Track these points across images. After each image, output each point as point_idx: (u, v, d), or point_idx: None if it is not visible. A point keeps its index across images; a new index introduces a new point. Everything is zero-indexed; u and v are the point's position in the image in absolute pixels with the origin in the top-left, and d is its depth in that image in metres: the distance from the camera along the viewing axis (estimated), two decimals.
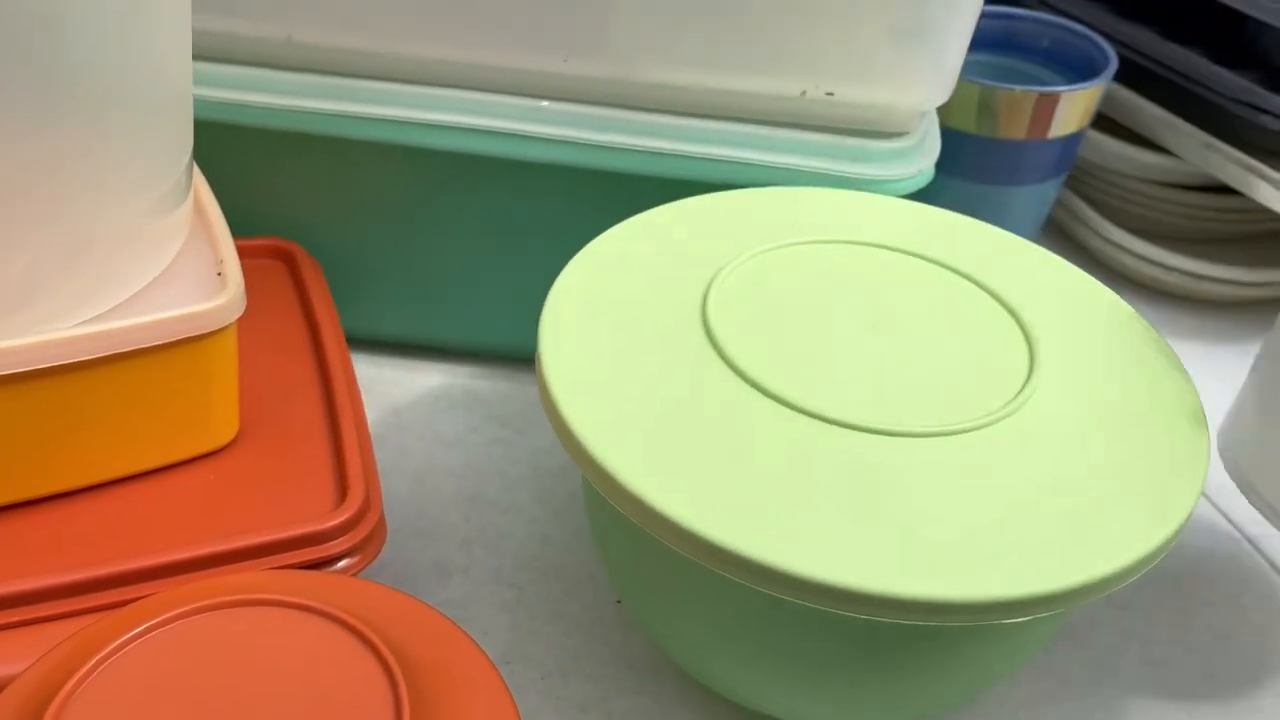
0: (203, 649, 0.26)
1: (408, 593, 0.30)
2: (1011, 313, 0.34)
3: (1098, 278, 0.35)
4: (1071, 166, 0.56)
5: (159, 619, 0.27)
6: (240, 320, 0.34)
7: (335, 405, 0.37)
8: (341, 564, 0.33)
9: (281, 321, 0.41)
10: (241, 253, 0.40)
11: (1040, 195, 0.54)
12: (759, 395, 0.30)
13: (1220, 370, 0.43)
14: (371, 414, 0.45)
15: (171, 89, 0.32)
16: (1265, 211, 0.53)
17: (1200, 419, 0.31)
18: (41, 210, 0.29)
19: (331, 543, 0.33)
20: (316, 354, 0.39)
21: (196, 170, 0.36)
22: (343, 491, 0.34)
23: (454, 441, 0.45)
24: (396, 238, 0.45)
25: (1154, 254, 0.56)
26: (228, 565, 0.32)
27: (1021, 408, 0.30)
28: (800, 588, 0.26)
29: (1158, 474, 0.29)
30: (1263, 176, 0.51)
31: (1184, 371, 0.33)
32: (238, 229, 0.43)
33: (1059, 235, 0.62)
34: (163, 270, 0.33)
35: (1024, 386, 0.31)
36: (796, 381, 0.30)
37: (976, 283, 0.35)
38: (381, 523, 0.34)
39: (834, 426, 0.29)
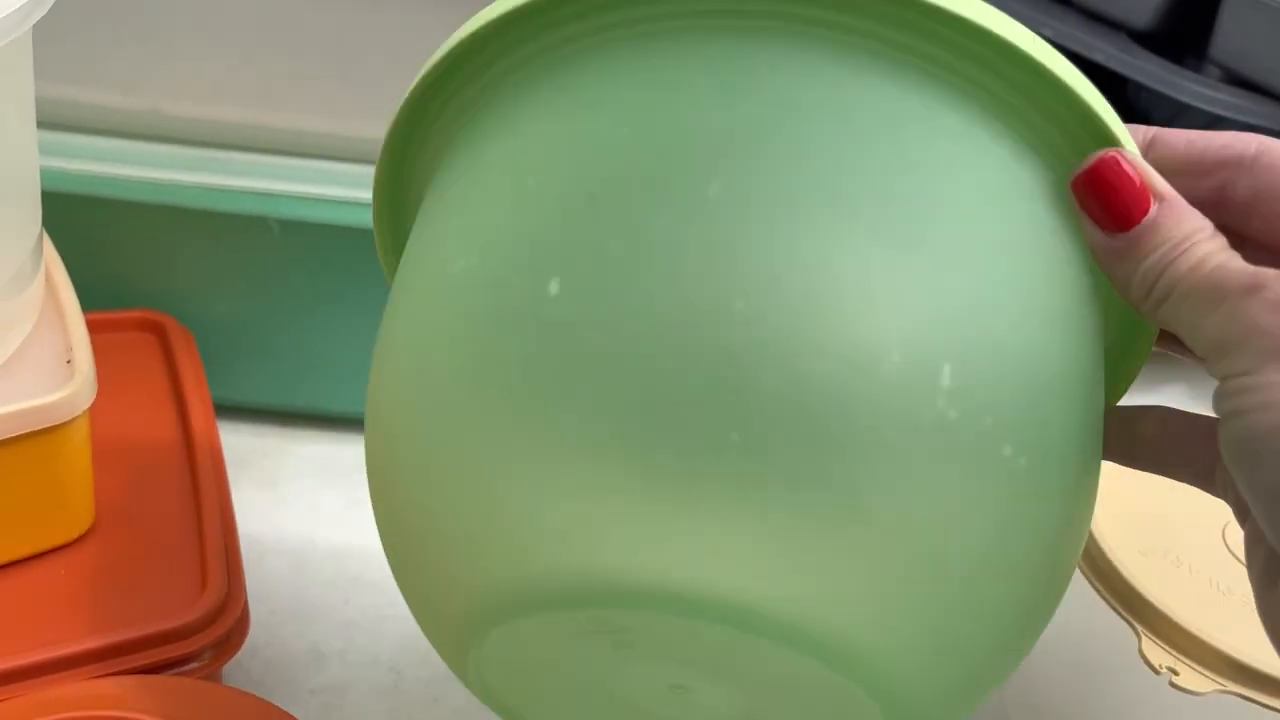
0: None
1: (281, 679, 0.29)
2: None
3: None
4: None
5: None
6: (101, 399, 0.33)
7: (199, 488, 0.35)
8: (200, 662, 0.32)
9: (147, 398, 0.39)
10: (109, 326, 0.39)
11: None
12: None
13: None
14: (249, 489, 0.44)
15: (11, 169, 0.31)
16: None
17: None
18: None
19: (190, 639, 0.31)
20: (183, 431, 0.38)
21: (49, 247, 0.35)
22: (203, 583, 0.33)
23: (335, 520, 0.44)
24: (274, 306, 0.44)
25: None
26: (80, 667, 0.30)
27: None
28: None
29: None
30: None
31: None
32: (108, 301, 0.41)
33: None
34: (7, 359, 0.32)
35: None
36: None
37: None
38: (244, 618, 0.33)
39: None
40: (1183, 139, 0.20)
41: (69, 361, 0.32)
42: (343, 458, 0.46)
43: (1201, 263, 0.18)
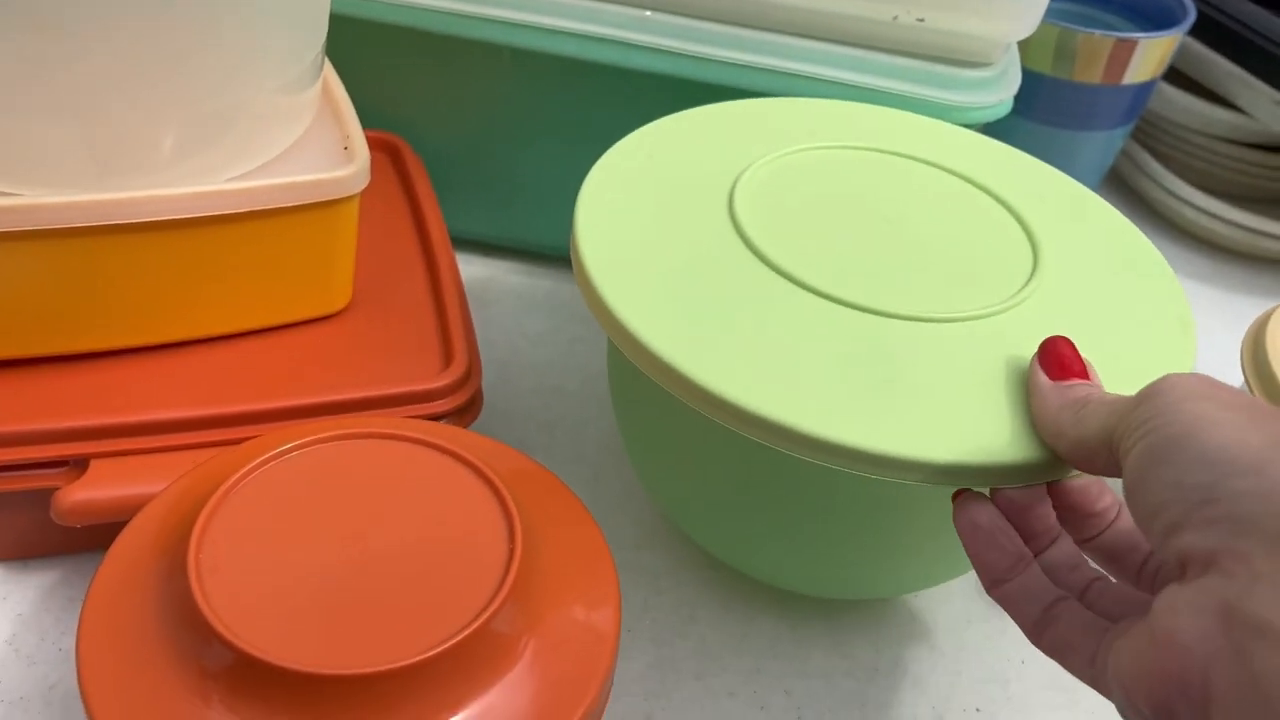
0: (335, 470, 0.29)
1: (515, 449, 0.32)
2: (1020, 221, 0.36)
3: (1156, 229, 0.36)
4: (1139, 117, 0.57)
5: (296, 443, 0.30)
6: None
7: (440, 284, 0.39)
8: (443, 423, 0.36)
9: (388, 208, 0.43)
10: None
11: (1108, 142, 0.56)
12: (779, 278, 0.32)
13: None
14: None
15: None
16: None
17: (1188, 323, 0.33)
18: (193, 85, 0.32)
19: (438, 401, 0.35)
20: (421, 239, 0.42)
21: (327, 60, 0.39)
22: (448, 358, 0.37)
23: (537, 339, 0.47)
24: (494, 139, 0.47)
25: (1214, 208, 0.57)
26: (346, 414, 0.34)
27: (1023, 303, 0.33)
28: (810, 445, 0.28)
29: (1144, 368, 0.31)
30: None
31: (1176, 283, 0.35)
32: None
33: (1119, 185, 0.64)
34: (295, 142, 0.36)
35: (1025, 285, 0.33)
36: (818, 268, 0.32)
37: (992, 194, 0.37)
38: (480, 390, 0.37)
39: (850, 309, 0.31)
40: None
41: (346, 149, 0.36)
42: (540, 287, 0.50)
43: (1100, 395, 0.27)
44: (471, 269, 0.50)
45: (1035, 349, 0.30)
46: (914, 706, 0.36)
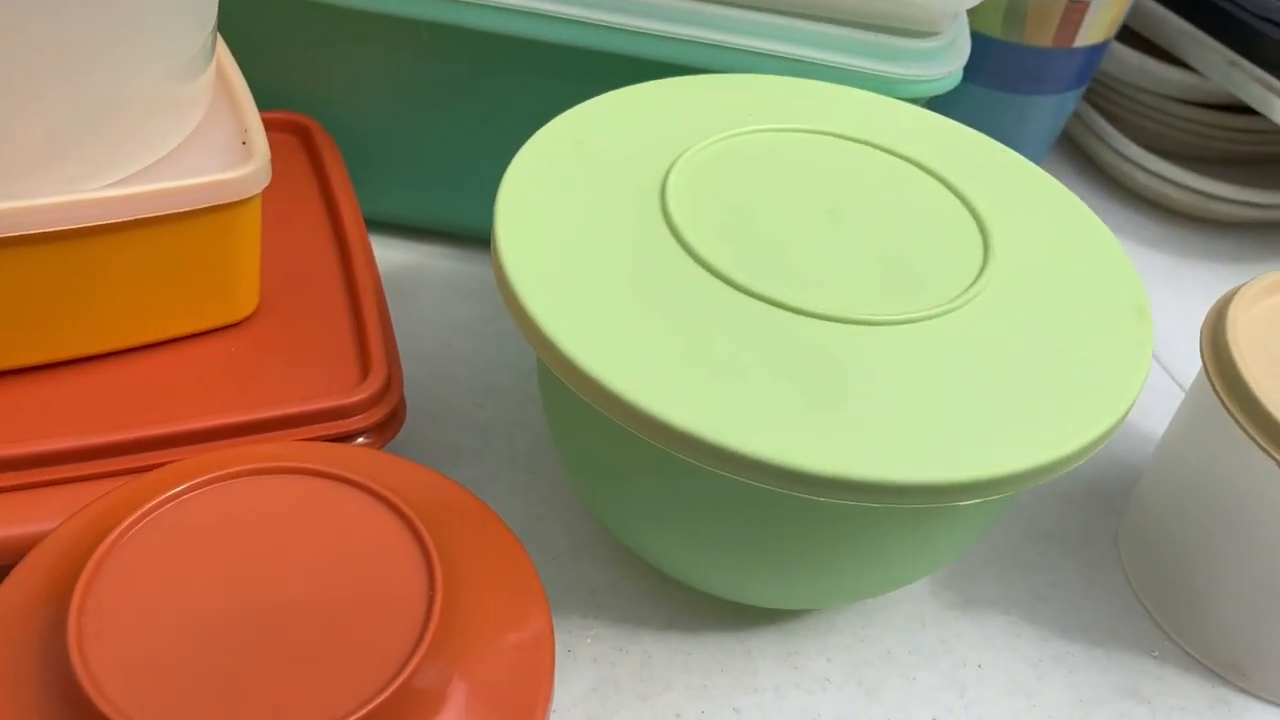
0: (237, 512, 0.27)
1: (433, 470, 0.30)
2: (970, 208, 0.34)
3: (1108, 193, 0.35)
4: (1092, 79, 0.55)
5: (194, 481, 0.27)
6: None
7: (356, 283, 0.36)
8: (361, 440, 0.33)
9: (298, 197, 0.40)
10: None
11: (1059, 106, 0.54)
12: (716, 280, 0.30)
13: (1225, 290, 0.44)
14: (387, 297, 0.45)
15: None
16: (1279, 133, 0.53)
17: (1145, 313, 0.32)
18: (65, 72, 0.28)
19: (354, 418, 0.33)
20: (335, 231, 0.39)
21: (220, 39, 0.36)
22: (365, 368, 0.34)
23: (467, 329, 0.45)
24: (413, 117, 0.44)
25: (1167, 171, 0.56)
26: (253, 435, 0.32)
27: (974, 299, 0.31)
28: (755, 469, 0.26)
29: (1103, 364, 0.30)
30: None
31: (1132, 269, 0.33)
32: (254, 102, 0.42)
33: (1071, 148, 0.62)
34: (186, 138, 0.32)
35: (977, 279, 0.31)
36: (754, 267, 0.30)
37: (939, 178, 0.35)
38: (402, 401, 0.34)
39: (790, 313, 0.29)
40: None
41: (244, 143, 0.33)
42: (470, 273, 0.47)
43: None
44: (396, 255, 0.48)
45: (988, 350, 0.28)
46: (867, 718, 0.34)
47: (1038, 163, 0.58)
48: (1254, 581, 0.34)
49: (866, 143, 0.36)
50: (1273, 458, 0.32)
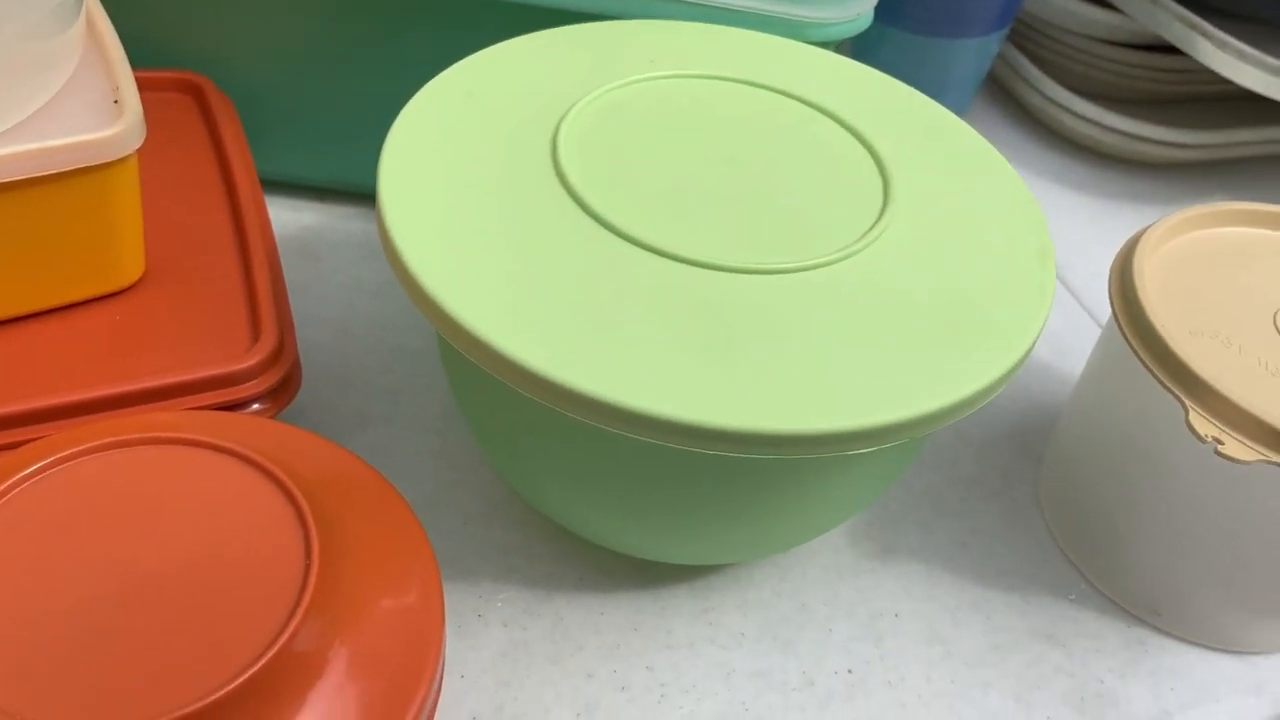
0: (107, 485, 0.26)
1: (326, 438, 0.29)
2: (872, 153, 0.33)
3: (1038, 138, 0.34)
4: (1015, 20, 0.55)
5: (64, 454, 0.26)
6: (144, 155, 0.32)
7: (248, 246, 0.35)
8: (254, 408, 0.32)
9: (189, 159, 0.39)
10: (145, 85, 0.38)
11: (983, 49, 0.53)
12: (608, 234, 0.29)
13: None
14: (290, 260, 0.44)
15: None
16: (1205, 73, 0.53)
17: (1048, 256, 0.31)
18: None
19: (245, 385, 0.32)
20: (228, 193, 0.37)
21: None
22: (256, 334, 0.33)
23: (376, 292, 0.44)
24: (315, 74, 0.42)
25: (1093, 113, 0.55)
26: (136, 406, 0.31)
27: (871, 245, 0.30)
28: (644, 425, 0.25)
29: (1002, 308, 0.29)
30: (1205, 35, 0.50)
31: (1039, 212, 0.33)
32: (142, 61, 0.40)
33: (999, 92, 0.61)
34: (52, 98, 0.31)
35: (876, 222, 0.31)
36: (648, 219, 0.29)
37: (843, 124, 0.34)
38: (296, 366, 0.33)
39: (684, 265, 0.28)
40: None
41: (116, 102, 0.31)
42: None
43: None
44: (305, 217, 0.46)
45: (883, 296, 0.27)
46: (783, 672, 0.34)
47: (965, 108, 0.57)
48: (1166, 522, 0.34)
49: (769, 88, 0.35)
50: (1177, 398, 0.31)
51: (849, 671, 0.34)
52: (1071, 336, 0.47)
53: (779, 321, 0.28)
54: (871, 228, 0.30)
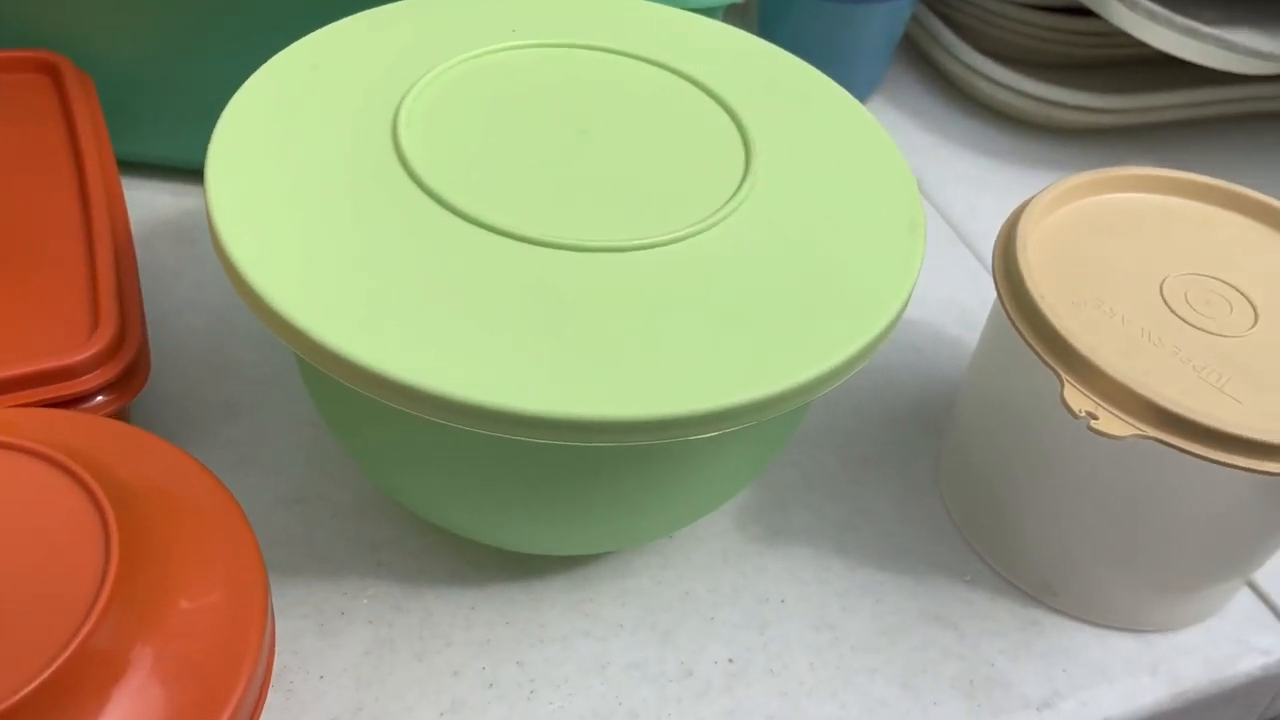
0: None
1: (195, 429, 0.28)
2: (737, 122, 0.32)
3: (956, 104, 0.32)
4: None
5: None
6: None
7: (92, 228, 0.33)
8: (98, 400, 0.31)
9: (41, 142, 0.37)
10: None
11: (894, 13, 0.51)
12: (444, 212, 0.27)
13: None
14: (167, 245, 0.42)
15: None
16: (1120, 36, 0.51)
17: (918, 227, 0.30)
18: None
19: (82, 378, 0.30)
20: (77, 172, 0.36)
21: None
22: (95, 323, 0.31)
23: None
24: (191, 52, 0.41)
25: (1009, 79, 0.54)
26: None
27: (730, 216, 0.29)
28: (479, 416, 0.24)
29: (866, 280, 0.28)
30: None
31: (912, 182, 0.32)
32: (5, 41, 0.39)
33: (916, 58, 0.60)
34: None
35: (734, 194, 0.29)
36: (489, 196, 0.28)
37: (709, 93, 0.33)
38: (143, 356, 0.32)
39: (526, 244, 0.27)
40: None
41: None
42: None
43: None
44: (184, 201, 0.44)
45: (736, 272, 0.26)
46: (660, 663, 0.33)
47: (881, 75, 0.56)
48: (1054, 500, 0.33)
49: (636, 56, 0.34)
50: (1054, 371, 0.30)
51: (729, 661, 0.33)
52: (982, 310, 0.46)
53: (626, 301, 0.26)
54: (729, 200, 0.29)
